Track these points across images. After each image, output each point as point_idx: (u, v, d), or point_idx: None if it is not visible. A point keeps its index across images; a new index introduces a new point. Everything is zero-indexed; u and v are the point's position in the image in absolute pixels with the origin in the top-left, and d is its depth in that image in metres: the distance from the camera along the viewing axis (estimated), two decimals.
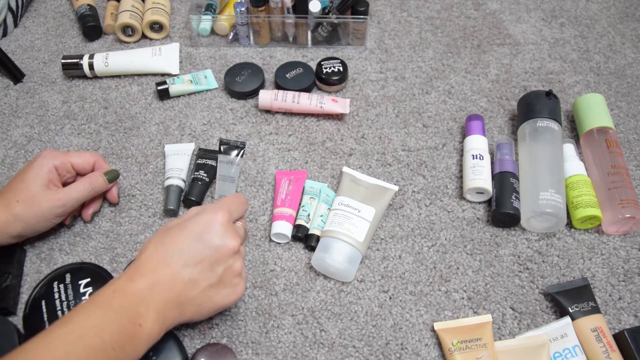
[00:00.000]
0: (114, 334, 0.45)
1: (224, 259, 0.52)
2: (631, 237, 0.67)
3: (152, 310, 0.48)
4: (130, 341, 0.46)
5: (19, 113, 0.80)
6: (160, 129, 0.78)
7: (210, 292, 0.52)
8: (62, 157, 0.63)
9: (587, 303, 0.59)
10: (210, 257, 0.51)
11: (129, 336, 0.46)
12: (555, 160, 0.68)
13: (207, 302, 0.52)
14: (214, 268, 0.51)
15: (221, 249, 0.51)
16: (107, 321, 0.45)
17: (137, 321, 0.46)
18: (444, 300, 0.62)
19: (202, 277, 0.51)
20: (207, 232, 0.51)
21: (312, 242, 0.65)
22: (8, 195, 0.59)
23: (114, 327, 0.45)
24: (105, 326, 0.45)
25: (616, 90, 0.84)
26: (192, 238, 0.51)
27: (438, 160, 0.75)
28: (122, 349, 0.45)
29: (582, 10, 0.96)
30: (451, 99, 0.82)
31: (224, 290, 0.53)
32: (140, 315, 0.47)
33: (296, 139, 0.77)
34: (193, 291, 0.50)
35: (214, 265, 0.51)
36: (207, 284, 0.51)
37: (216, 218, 0.52)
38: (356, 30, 0.86)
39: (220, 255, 0.51)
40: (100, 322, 0.45)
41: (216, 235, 0.51)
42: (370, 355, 0.58)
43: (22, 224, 0.59)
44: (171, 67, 0.85)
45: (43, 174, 0.60)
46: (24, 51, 0.88)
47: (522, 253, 0.66)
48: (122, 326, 0.45)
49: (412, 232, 0.68)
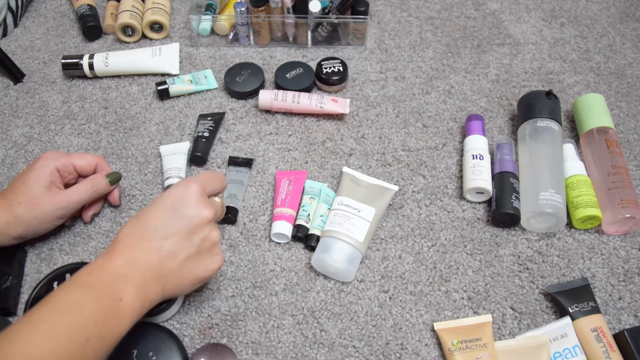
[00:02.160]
0: (94, 310, 0.45)
1: (200, 229, 0.52)
2: (631, 237, 0.67)
3: (132, 285, 0.48)
4: (112, 316, 0.46)
5: (19, 113, 0.80)
6: (160, 129, 0.78)
7: (190, 263, 0.52)
8: (64, 158, 0.63)
9: (587, 303, 0.59)
10: (186, 228, 0.51)
11: (110, 311, 0.46)
12: (555, 160, 0.68)
13: (187, 274, 0.52)
14: (190, 238, 0.52)
15: (195, 219, 0.52)
16: (86, 298, 0.46)
17: (117, 296, 0.47)
18: (444, 300, 0.62)
19: (180, 248, 0.51)
20: (180, 204, 0.52)
21: (312, 242, 0.65)
22: (10, 197, 0.59)
23: (94, 303, 0.45)
24: (85, 303, 0.45)
25: (616, 90, 0.84)
26: (167, 211, 0.52)
27: (438, 160, 0.75)
28: (105, 324, 0.45)
29: (582, 10, 0.96)
30: (451, 99, 0.82)
31: (203, 262, 0.53)
32: (120, 290, 0.47)
33: (296, 139, 0.77)
34: (172, 263, 0.51)
35: (190, 235, 0.52)
36: (185, 255, 0.51)
37: (189, 190, 0.53)
38: (356, 30, 0.86)
39: (195, 225, 0.52)
40: (79, 299, 0.45)
41: (189, 206, 0.52)
42: (370, 355, 0.58)
43: (24, 226, 0.59)
44: (171, 67, 0.85)
45: (45, 175, 0.60)
46: (24, 51, 0.88)
47: (522, 253, 0.66)
48: (102, 302, 0.46)
49: (412, 232, 0.68)
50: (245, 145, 0.76)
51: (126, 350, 0.53)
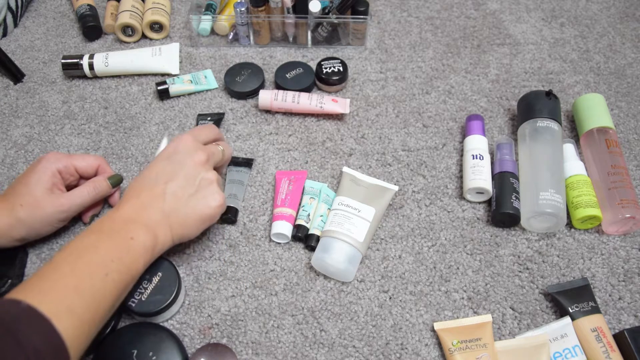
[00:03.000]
0: (109, 248, 0.51)
1: (196, 170, 0.58)
2: (631, 237, 0.67)
3: (140, 225, 0.54)
4: (126, 253, 0.51)
5: (19, 113, 0.80)
6: (160, 129, 0.78)
7: (192, 202, 0.57)
8: (66, 160, 0.63)
9: (587, 303, 0.59)
10: (183, 171, 0.57)
11: (123, 249, 0.51)
12: (555, 160, 0.68)
13: (191, 213, 0.57)
14: (189, 180, 0.57)
15: (190, 161, 0.58)
16: (100, 240, 0.51)
17: (127, 236, 0.52)
18: (444, 300, 0.62)
19: (180, 189, 0.57)
20: (175, 153, 0.58)
21: (312, 242, 0.65)
22: (12, 199, 0.58)
23: (108, 243, 0.51)
24: (100, 244, 0.51)
25: (616, 90, 0.84)
26: (164, 161, 0.58)
27: (438, 160, 0.75)
28: (120, 260, 0.50)
29: (582, 10, 0.96)
30: (451, 99, 0.82)
31: (204, 200, 0.57)
32: (130, 230, 0.53)
33: (296, 139, 0.77)
34: (175, 203, 0.56)
35: (188, 177, 0.57)
36: (186, 195, 0.57)
37: (181, 141, 0.59)
38: (356, 30, 0.86)
39: (190, 168, 0.58)
40: (94, 242, 0.51)
41: (183, 153, 0.58)
42: (370, 355, 0.58)
43: (26, 228, 0.59)
44: (171, 67, 0.85)
45: (47, 177, 0.60)
46: (24, 51, 0.88)
47: (522, 253, 0.66)
48: (115, 242, 0.52)
49: (412, 232, 0.68)
50: (245, 145, 0.76)
51: (126, 350, 0.53)
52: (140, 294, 0.57)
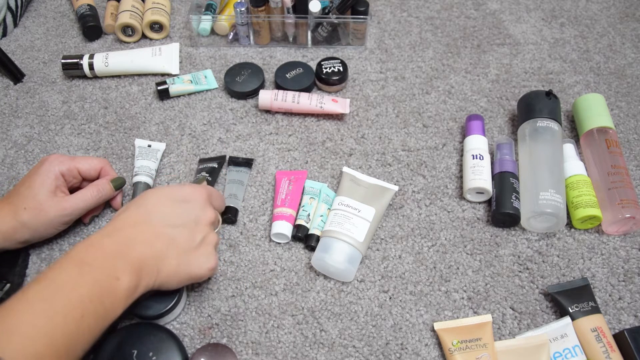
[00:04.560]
0: (91, 288, 0.45)
1: (203, 228, 0.55)
2: (631, 237, 0.67)
3: (129, 264, 0.48)
4: (108, 295, 0.46)
5: (19, 113, 0.80)
6: (160, 129, 0.78)
7: (188, 257, 0.53)
8: (69, 162, 0.62)
9: (587, 303, 0.59)
10: (191, 223, 0.54)
11: (106, 289, 0.46)
12: (555, 160, 0.68)
13: (184, 267, 0.53)
14: (193, 234, 0.54)
15: (202, 218, 0.55)
16: (82, 275, 0.46)
17: (113, 274, 0.47)
18: (444, 300, 0.62)
19: (182, 239, 0.53)
20: (189, 201, 0.55)
21: (312, 242, 0.65)
22: (15, 202, 0.58)
23: (90, 280, 0.46)
24: (81, 280, 0.45)
25: (616, 90, 0.84)
26: (175, 203, 0.54)
27: (438, 160, 0.75)
28: (101, 302, 0.45)
29: (582, 10, 0.96)
30: (451, 99, 0.82)
31: (200, 259, 0.54)
32: (117, 268, 0.47)
33: (296, 139, 0.77)
34: (172, 251, 0.52)
35: (193, 231, 0.54)
36: (185, 247, 0.53)
37: (198, 191, 0.56)
38: (356, 30, 0.86)
39: (199, 224, 0.54)
40: (75, 277, 0.45)
41: (198, 205, 0.55)
42: (370, 355, 0.58)
43: (30, 232, 0.59)
44: (171, 67, 0.85)
45: (50, 180, 0.60)
46: (24, 51, 0.88)
47: (522, 253, 0.66)
48: (98, 279, 0.46)
49: (412, 232, 0.68)
50: (245, 145, 0.76)
51: (126, 351, 0.53)
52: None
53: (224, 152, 0.75)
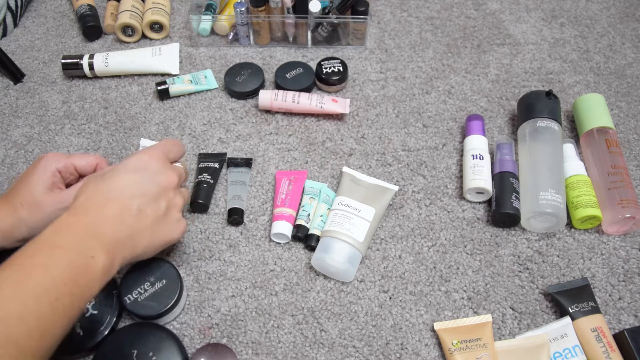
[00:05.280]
0: (63, 269, 0.44)
1: (166, 193, 0.54)
2: (631, 237, 0.67)
3: (103, 242, 0.48)
4: (83, 274, 0.45)
5: (19, 113, 0.80)
6: (160, 129, 0.78)
7: (159, 225, 0.53)
8: (65, 159, 0.63)
9: (587, 303, 0.59)
10: (153, 190, 0.53)
11: (81, 269, 0.45)
12: (555, 160, 0.68)
13: (157, 236, 0.53)
14: (158, 201, 0.53)
15: (162, 182, 0.54)
16: (53, 258, 0.44)
17: (87, 253, 0.46)
18: (444, 300, 0.62)
19: (149, 208, 0.52)
20: (146, 169, 0.53)
21: (312, 242, 0.65)
22: (13, 199, 0.59)
23: (63, 262, 0.44)
24: (52, 262, 0.44)
25: (616, 90, 0.84)
26: (132, 174, 0.53)
27: (438, 160, 0.75)
28: (75, 283, 0.44)
29: (582, 10, 0.96)
30: (451, 99, 0.82)
31: (169, 225, 0.54)
32: (90, 248, 0.47)
33: (296, 139, 0.77)
34: (142, 223, 0.52)
35: (157, 198, 0.53)
36: (154, 216, 0.53)
37: (152, 156, 0.55)
38: (356, 30, 0.86)
39: (161, 189, 0.53)
40: (45, 260, 0.44)
41: (155, 170, 0.54)
42: (370, 355, 0.58)
43: (28, 229, 0.59)
44: (171, 67, 0.85)
45: (46, 177, 0.60)
46: (24, 51, 0.88)
47: (522, 253, 0.66)
48: (72, 260, 0.45)
49: (412, 232, 0.68)
50: (245, 145, 0.76)
51: (126, 350, 0.53)
52: (138, 294, 0.57)
53: (224, 152, 0.75)
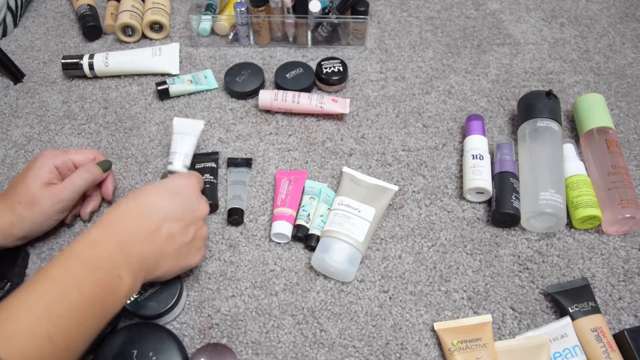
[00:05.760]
0: (93, 288, 0.44)
1: (196, 222, 0.55)
2: (631, 237, 0.67)
3: (130, 262, 0.48)
4: (110, 295, 0.46)
5: (19, 113, 0.80)
6: (160, 129, 0.78)
7: (182, 250, 0.54)
8: (63, 155, 0.63)
9: (587, 303, 0.59)
10: (187, 217, 0.54)
11: (109, 290, 0.46)
12: (555, 160, 0.68)
13: (177, 262, 0.54)
14: (187, 228, 0.54)
15: (197, 211, 0.55)
16: (86, 275, 0.45)
17: (115, 273, 0.47)
18: (444, 300, 0.62)
19: (178, 234, 0.53)
20: (184, 194, 0.55)
21: (312, 242, 0.65)
22: (11, 197, 0.59)
23: (93, 281, 0.45)
24: (85, 281, 0.44)
25: (616, 90, 0.84)
26: (170, 196, 0.54)
27: (438, 160, 0.75)
28: (102, 305, 0.45)
29: (582, 10, 0.96)
30: (451, 99, 0.82)
31: (192, 252, 0.56)
32: (118, 266, 0.47)
33: (296, 139, 0.77)
34: (169, 247, 0.53)
35: (188, 226, 0.54)
36: (181, 243, 0.54)
37: (192, 182, 0.56)
38: (356, 30, 0.86)
39: (194, 217, 0.55)
40: (80, 276, 0.44)
41: (193, 197, 0.55)
42: (370, 355, 0.58)
43: (27, 225, 0.59)
44: (171, 67, 0.85)
45: (43, 173, 0.60)
46: (24, 51, 0.88)
47: (522, 253, 0.66)
48: (101, 280, 0.45)
49: (412, 232, 0.68)
50: (245, 145, 0.76)
51: (126, 350, 0.53)
52: (138, 294, 0.57)
53: (224, 152, 0.75)
